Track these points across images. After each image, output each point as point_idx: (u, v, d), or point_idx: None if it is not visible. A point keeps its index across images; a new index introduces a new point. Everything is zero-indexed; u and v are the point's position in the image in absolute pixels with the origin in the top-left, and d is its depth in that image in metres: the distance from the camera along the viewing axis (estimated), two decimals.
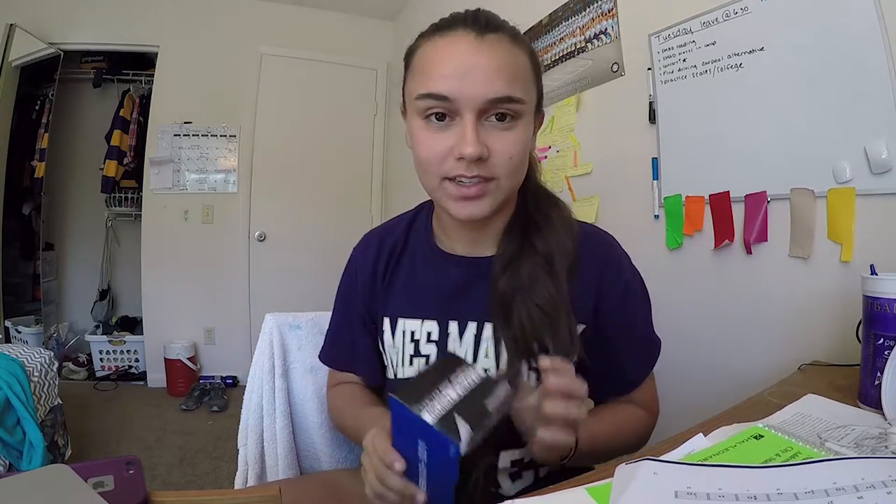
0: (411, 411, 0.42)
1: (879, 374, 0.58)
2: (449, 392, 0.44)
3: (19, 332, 2.91)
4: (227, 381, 3.08)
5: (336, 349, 0.77)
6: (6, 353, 1.63)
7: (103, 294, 3.50)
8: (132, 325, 3.33)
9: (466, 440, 0.42)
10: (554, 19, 1.90)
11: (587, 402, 0.52)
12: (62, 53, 2.90)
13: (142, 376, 3.13)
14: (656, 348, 0.72)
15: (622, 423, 0.67)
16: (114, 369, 3.16)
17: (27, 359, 1.68)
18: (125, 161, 3.21)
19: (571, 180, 1.81)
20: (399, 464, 0.45)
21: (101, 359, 3.16)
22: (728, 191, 1.26)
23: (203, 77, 3.08)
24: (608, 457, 0.63)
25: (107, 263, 3.54)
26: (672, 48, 1.40)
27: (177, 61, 3.03)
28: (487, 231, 0.66)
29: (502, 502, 0.41)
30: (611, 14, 1.64)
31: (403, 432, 0.45)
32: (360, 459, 0.53)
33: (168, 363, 2.98)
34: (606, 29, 1.66)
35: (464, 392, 0.45)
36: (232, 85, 3.15)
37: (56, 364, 1.87)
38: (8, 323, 2.89)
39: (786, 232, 1.14)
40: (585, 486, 0.44)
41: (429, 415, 0.42)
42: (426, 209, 0.73)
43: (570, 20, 1.82)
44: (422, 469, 0.45)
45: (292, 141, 3.26)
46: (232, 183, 3.18)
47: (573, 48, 1.81)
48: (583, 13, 1.76)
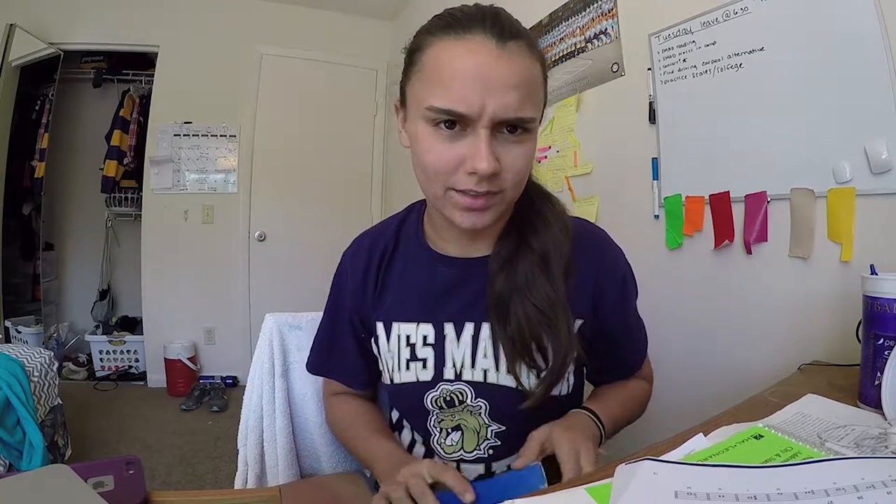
0: (545, 481, 0.51)
1: (879, 374, 0.58)
2: None
3: (19, 332, 2.91)
4: (227, 381, 3.08)
5: (322, 358, 0.77)
6: (6, 353, 1.63)
7: (103, 294, 3.50)
8: (132, 325, 3.33)
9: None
10: (554, 19, 1.90)
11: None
12: (62, 53, 2.90)
13: (142, 376, 3.13)
14: (645, 330, 0.77)
15: (631, 398, 0.72)
16: (114, 369, 3.16)
17: (27, 359, 1.68)
18: (125, 161, 3.21)
19: (571, 180, 1.81)
20: (470, 496, 0.49)
21: (101, 359, 3.16)
22: (728, 191, 1.26)
23: (203, 77, 3.08)
24: (621, 427, 0.70)
25: (107, 263, 3.54)
26: (672, 48, 1.40)
27: (177, 61, 3.03)
28: (483, 233, 0.64)
29: (502, 502, 0.41)
30: (611, 14, 1.64)
31: (507, 488, 0.50)
32: (383, 474, 0.56)
33: (168, 363, 2.98)
34: (606, 29, 1.66)
35: None
36: (232, 85, 3.15)
37: (56, 364, 1.86)
38: (8, 323, 2.89)
39: (786, 232, 1.14)
40: (585, 486, 0.44)
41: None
42: (416, 210, 0.72)
43: (570, 20, 1.82)
44: None
45: (292, 141, 3.26)
46: (232, 183, 3.18)
47: (573, 48, 1.81)
48: (583, 13, 1.76)
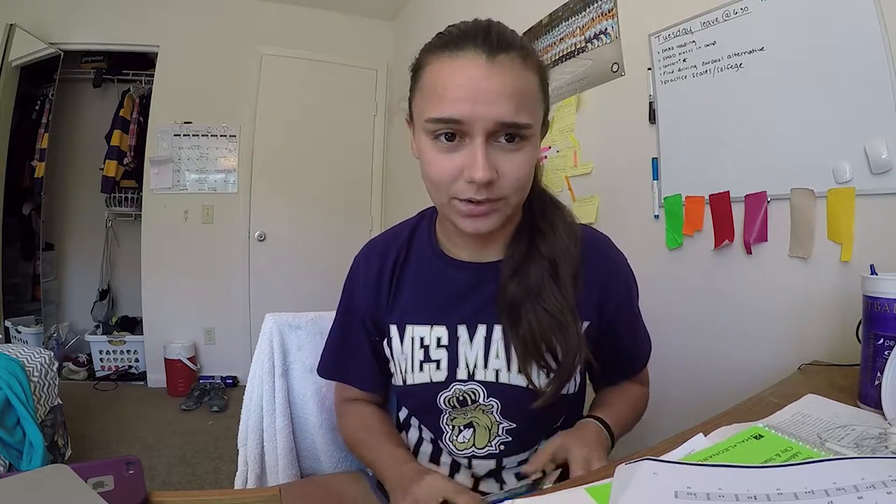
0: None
1: (879, 374, 0.58)
2: None
3: (19, 332, 2.91)
4: (227, 381, 3.08)
5: (335, 362, 0.77)
6: (6, 353, 1.63)
7: (103, 294, 3.50)
8: (132, 325, 3.33)
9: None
10: (554, 19, 1.90)
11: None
12: (62, 53, 2.90)
13: (142, 376, 3.13)
14: (648, 333, 0.79)
15: (634, 402, 0.75)
16: (114, 369, 3.16)
17: (27, 359, 1.68)
18: (125, 161, 3.21)
19: (571, 180, 1.81)
20: None
21: (101, 359, 3.16)
22: (728, 191, 1.26)
23: (203, 77, 3.08)
24: (625, 434, 0.72)
25: (107, 263, 3.54)
26: (672, 48, 1.40)
27: (177, 61, 3.03)
28: (494, 238, 0.67)
29: (502, 502, 0.41)
30: (611, 14, 1.64)
31: None
32: (403, 491, 0.57)
33: (168, 363, 2.98)
34: (606, 29, 1.66)
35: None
36: (232, 85, 3.15)
37: (56, 364, 1.86)
38: (8, 323, 2.89)
39: (786, 232, 1.14)
40: (585, 487, 0.44)
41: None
42: (428, 216, 0.74)
43: (570, 20, 1.82)
44: None
45: (292, 141, 3.26)
46: (232, 183, 3.18)
47: (573, 48, 1.81)
48: (583, 13, 1.76)
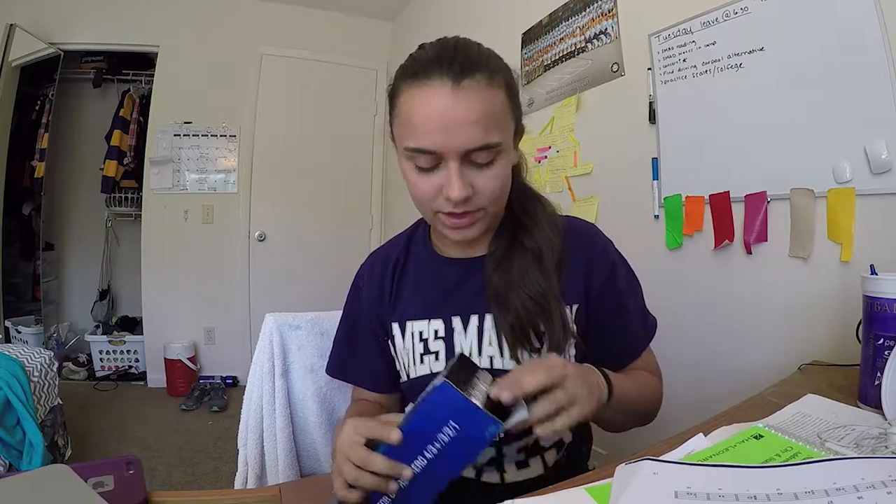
0: (460, 394, 0.47)
1: (879, 374, 0.58)
2: (481, 387, 0.50)
3: (19, 332, 2.91)
4: (227, 381, 3.08)
5: (341, 360, 0.81)
6: (6, 353, 1.63)
7: (103, 294, 3.50)
8: (132, 325, 3.33)
9: (503, 426, 0.48)
10: (554, 19, 1.90)
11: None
12: (62, 53, 2.90)
13: (142, 376, 3.13)
14: (652, 325, 0.76)
15: (641, 381, 0.71)
16: (114, 369, 3.16)
17: (27, 359, 1.68)
18: (125, 161, 3.21)
19: (571, 180, 1.81)
20: (395, 434, 0.48)
21: (101, 359, 3.16)
22: (728, 191, 1.26)
23: (203, 77, 3.08)
24: (634, 414, 0.69)
25: (107, 263, 3.54)
26: (672, 48, 1.40)
27: (177, 61, 3.03)
28: (480, 236, 0.71)
29: (502, 502, 0.41)
30: (611, 14, 1.64)
31: (431, 416, 0.48)
32: (333, 455, 0.54)
33: (168, 363, 2.98)
34: (606, 29, 1.66)
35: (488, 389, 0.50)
36: (232, 85, 3.15)
37: (56, 364, 1.86)
38: (8, 323, 2.89)
39: (786, 232, 1.14)
40: (585, 486, 0.45)
41: (477, 400, 0.47)
42: (423, 223, 0.79)
43: (570, 20, 1.82)
44: (430, 451, 0.49)
45: (292, 141, 3.26)
46: (232, 183, 3.18)
47: (573, 48, 1.81)
48: (583, 13, 1.76)
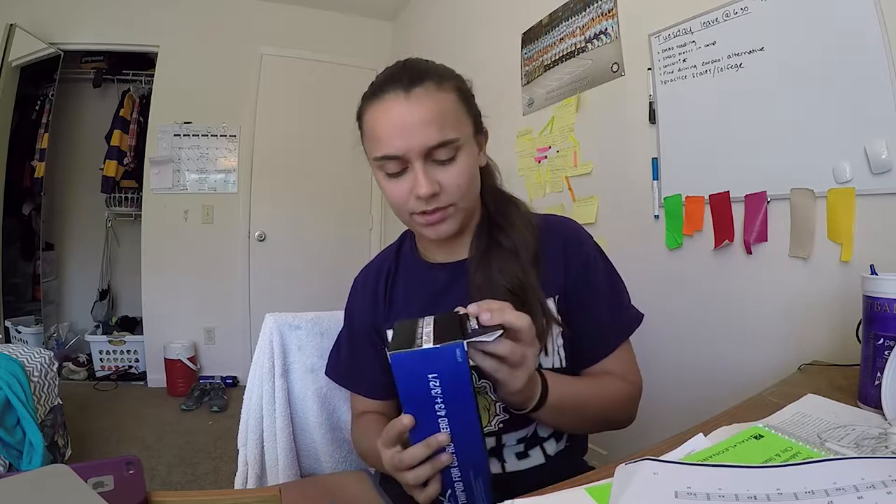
0: (409, 352, 0.47)
1: (879, 374, 0.58)
2: (426, 328, 0.51)
3: (19, 332, 2.91)
4: (227, 381, 3.08)
5: (341, 364, 0.84)
6: (6, 353, 1.63)
7: (103, 294, 3.50)
8: (132, 325, 3.33)
9: (464, 342, 0.47)
10: (554, 19, 1.90)
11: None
12: (62, 53, 2.90)
13: (142, 376, 3.13)
14: (633, 319, 0.76)
15: (598, 388, 0.70)
16: (114, 369, 3.16)
17: (27, 359, 1.68)
18: (125, 161, 3.21)
19: (571, 180, 1.81)
20: (406, 418, 0.50)
21: (101, 359, 3.16)
22: (728, 191, 1.26)
23: (203, 77, 3.08)
24: (585, 420, 0.68)
25: (107, 263, 3.54)
26: (672, 48, 1.40)
27: (177, 61, 3.03)
28: (460, 239, 0.76)
29: (503, 502, 0.41)
30: (611, 14, 1.64)
31: (411, 385, 0.48)
32: (398, 479, 0.55)
33: (168, 363, 2.98)
34: (606, 29, 1.66)
35: (437, 322, 0.51)
36: (232, 85, 3.15)
37: (56, 364, 1.86)
38: (8, 323, 2.89)
39: (786, 232, 1.14)
40: (585, 486, 0.45)
41: (426, 343, 0.47)
42: (409, 234, 0.84)
43: (570, 20, 1.83)
44: (440, 409, 0.49)
45: (292, 141, 3.26)
46: (232, 183, 3.18)
47: (573, 48, 1.81)
48: (583, 13, 1.76)
